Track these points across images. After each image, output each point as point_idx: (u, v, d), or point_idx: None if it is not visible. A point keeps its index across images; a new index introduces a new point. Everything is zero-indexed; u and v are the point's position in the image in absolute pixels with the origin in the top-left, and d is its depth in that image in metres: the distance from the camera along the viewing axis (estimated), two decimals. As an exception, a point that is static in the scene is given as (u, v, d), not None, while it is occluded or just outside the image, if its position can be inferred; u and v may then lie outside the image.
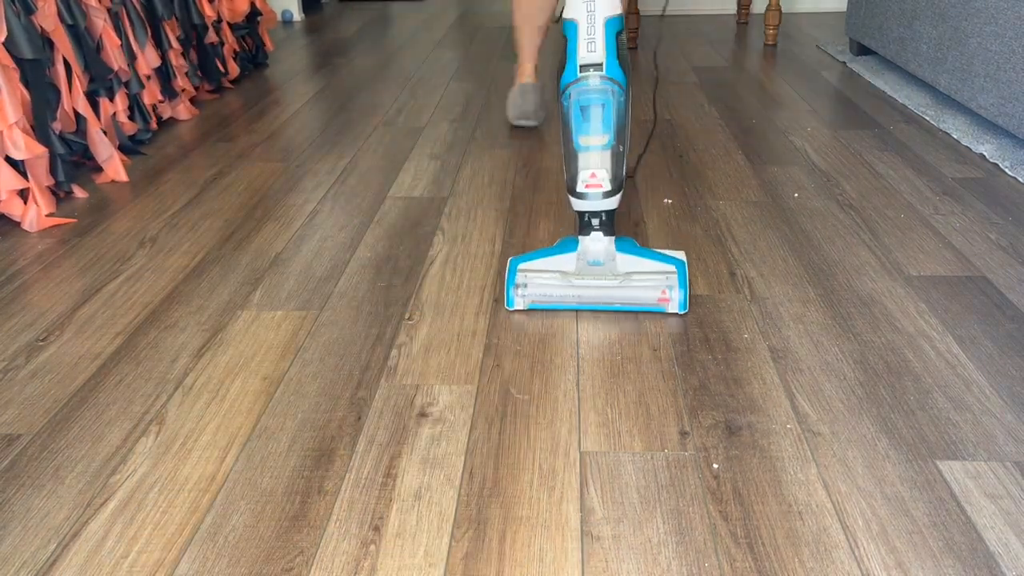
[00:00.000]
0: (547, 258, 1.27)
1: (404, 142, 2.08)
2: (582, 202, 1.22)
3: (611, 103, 1.18)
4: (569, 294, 1.24)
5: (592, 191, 1.21)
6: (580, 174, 1.21)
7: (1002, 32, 1.84)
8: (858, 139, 2.00)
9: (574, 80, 1.19)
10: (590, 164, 1.20)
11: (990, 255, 1.41)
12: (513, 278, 1.25)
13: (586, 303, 1.24)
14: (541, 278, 1.24)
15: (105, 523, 0.88)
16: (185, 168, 1.95)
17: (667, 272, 1.23)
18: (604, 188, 1.21)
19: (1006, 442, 0.97)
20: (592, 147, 1.20)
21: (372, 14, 4.00)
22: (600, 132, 1.19)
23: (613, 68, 1.18)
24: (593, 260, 1.25)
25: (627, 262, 1.25)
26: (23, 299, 1.36)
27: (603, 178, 1.20)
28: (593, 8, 1.18)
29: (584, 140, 1.19)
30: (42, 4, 1.69)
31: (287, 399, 1.08)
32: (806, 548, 0.83)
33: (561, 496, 0.90)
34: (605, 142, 1.19)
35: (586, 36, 1.18)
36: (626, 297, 1.23)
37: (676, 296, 1.22)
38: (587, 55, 1.18)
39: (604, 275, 1.23)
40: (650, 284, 1.23)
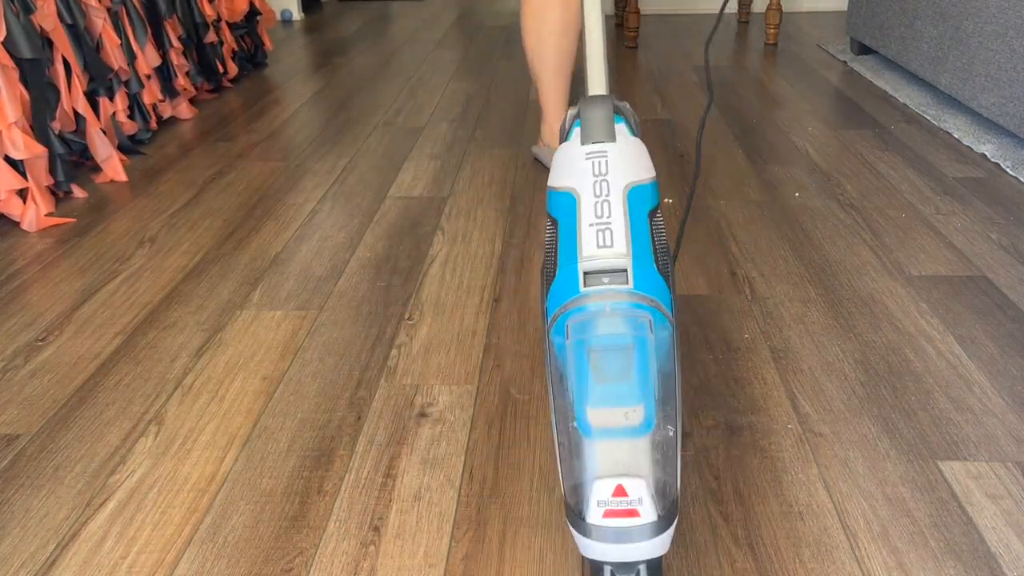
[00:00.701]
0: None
1: (404, 142, 2.08)
2: (600, 545, 0.64)
3: (647, 344, 0.65)
4: None
5: (619, 524, 0.63)
6: (594, 487, 0.64)
7: (1003, 32, 1.84)
8: (859, 139, 2.00)
9: (575, 299, 0.67)
10: (613, 466, 0.64)
11: (991, 255, 1.41)
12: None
13: None
14: None
15: (104, 523, 0.88)
16: (184, 168, 1.95)
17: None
18: (643, 518, 0.63)
19: (1007, 442, 0.96)
20: (614, 431, 0.64)
21: (372, 14, 4.00)
22: (630, 401, 0.64)
23: (647, 278, 0.67)
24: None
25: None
26: (22, 299, 1.36)
27: (639, 496, 0.63)
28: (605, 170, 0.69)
29: (597, 416, 0.64)
30: (41, 4, 1.69)
31: (287, 399, 1.08)
32: (807, 548, 0.83)
33: (561, 496, 0.90)
34: (639, 420, 0.64)
35: (595, 220, 0.68)
36: None
37: None
38: (599, 253, 0.67)
39: None
40: None
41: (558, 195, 0.70)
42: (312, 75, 2.80)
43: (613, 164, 0.69)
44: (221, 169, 1.93)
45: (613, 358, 0.64)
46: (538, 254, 1.45)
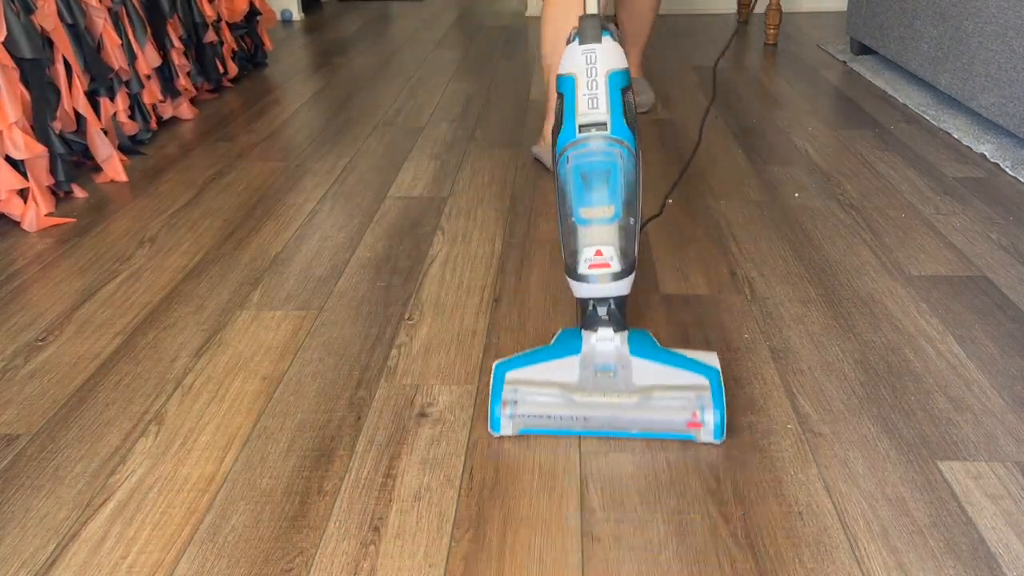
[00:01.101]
0: (543, 364, 1.01)
1: (404, 142, 2.08)
2: (585, 286, 0.99)
3: (618, 168, 0.97)
4: (572, 415, 0.98)
5: (597, 272, 0.99)
6: (582, 252, 0.99)
7: (1003, 32, 1.84)
8: (859, 139, 2.00)
9: (572, 141, 0.99)
10: (594, 240, 0.99)
11: (991, 255, 1.41)
12: (499, 392, 1.00)
13: (594, 428, 0.98)
14: (536, 394, 0.99)
15: (104, 523, 0.88)
16: (184, 168, 1.95)
17: (698, 387, 0.97)
18: (613, 268, 0.98)
19: (1007, 442, 0.97)
20: (596, 220, 0.99)
21: (372, 14, 4.00)
22: (605, 202, 0.98)
23: (620, 128, 0.98)
24: (602, 365, 1.00)
25: (645, 370, 0.99)
26: (22, 299, 1.36)
27: (611, 256, 0.98)
28: (594, 60, 1.00)
29: (586, 212, 0.99)
30: (42, 3, 1.69)
31: (287, 399, 1.08)
32: (807, 549, 0.83)
33: (561, 496, 0.90)
34: (612, 214, 0.98)
35: (586, 91, 0.99)
36: (645, 421, 0.97)
37: (710, 420, 0.96)
38: (588, 112, 0.99)
39: (616, 390, 0.98)
40: (676, 403, 0.97)
41: (564, 78, 1.01)
42: (312, 75, 2.80)
43: (599, 57, 1.00)
44: (221, 169, 1.93)
45: (596, 176, 0.98)
46: (538, 254, 1.46)
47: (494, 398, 0.99)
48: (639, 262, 1.40)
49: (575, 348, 1.01)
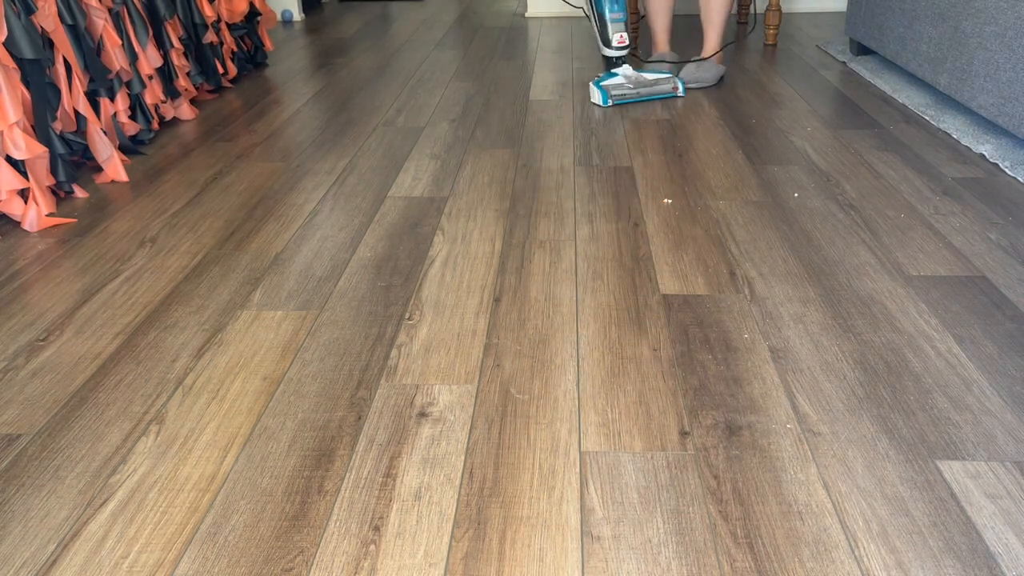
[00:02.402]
0: (610, 79, 2.31)
1: (404, 142, 2.08)
2: (617, 51, 2.34)
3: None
4: (631, 92, 2.31)
5: (623, 45, 2.34)
6: (614, 37, 2.32)
7: (1002, 32, 1.84)
8: (858, 139, 2.00)
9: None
10: (619, 30, 2.31)
11: (990, 255, 1.41)
12: (603, 90, 2.28)
13: (638, 96, 2.33)
14: (616, 87, 2.30)
15: (105, 523, 0.88)
16: (185, 168, 1.95)
17: (671, 77, 2.36)
18: (627, 43, 2.35)
19: (1006, 442, 0.97)
20: (618, 20, 2.31)
21: (372, 14, 4.00)
22: (621, 11, 2.31)
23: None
24: (633, 77, 2.35)
25: (647, 76, 2.36)
26: (23, 299, 1.36)
27: (627, 37, 2.34)
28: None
29: (613, 16, 2.30)
30: (42, 4, 1.69)
31: (287, 399, 1.08)
32: (806, 548, 0.83)
33: (561, 496, 0.90)
34: (623, 16, 2.31)
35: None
36: (657, 90, 2.34)
37: (680, 84, 2.37)
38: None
39: (642, 81, 2.34)
40: (665, 82, 2.36)
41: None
42: (312, 75, 2.80)
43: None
44: (222, 169, 1.93)
45: None
46: (538, 254, 1.46)
47: (602, 92, 2.28)
48: (641, 261, 1.41)
49: (616, 76, 2.34)
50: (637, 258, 1.43)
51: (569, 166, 1.88)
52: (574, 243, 1.50)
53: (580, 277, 1.37)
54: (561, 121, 2.21)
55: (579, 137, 2.07)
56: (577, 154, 1.96)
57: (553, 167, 1.88)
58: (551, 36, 3.33)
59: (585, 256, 1.45)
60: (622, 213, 1.62)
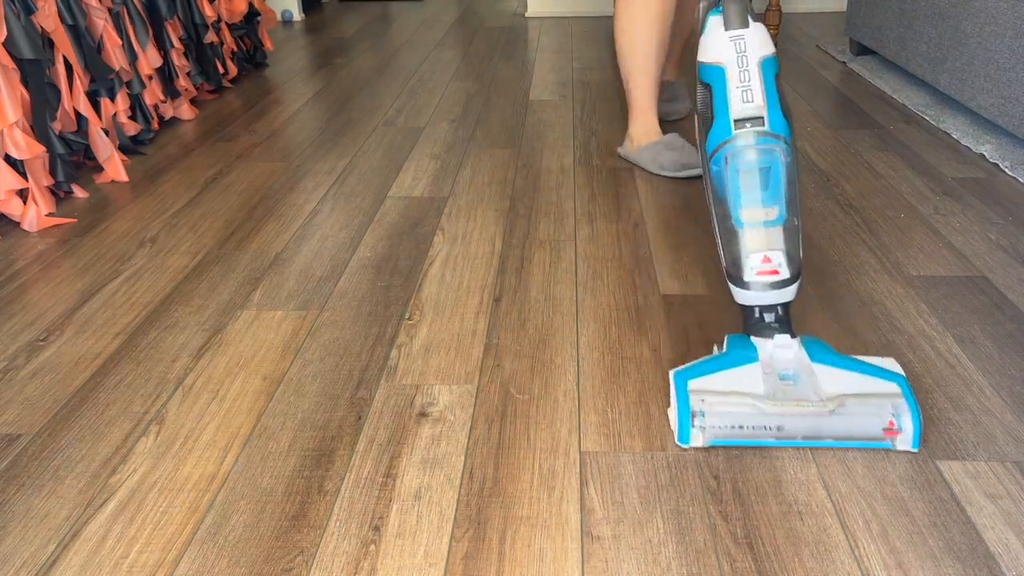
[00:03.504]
0: (723, 372, 0.97)
1: (404, 142, 2.08)
2: (753, 294, 0.98)
3: (779, 166, 0.96)
4: (764, 425, 0.94)
5: (766, 279, 0.97)
6: (748, 258, 0.97)
7: (1002, 32, 1.84)
8: (858, 139, 2.00)
9: (728, 139, 0.97)
10: (760, 245, 0.97)
11: (990, 255, 1.41)
12: (686, 403, 0.95)
13: (787, 438, 0.94)
14: (725, 404, 0.95)
15: (105, 523, 0.88)
16: (185, 168, 1.95)
17: (890, 395, 0.94)
18: (782, 275, 0.97)
19: (1006, 442, 0.97)
20: (760, 223, 0.97)
21: (372, 14, 4.00)
22: (770, 203, 0.97)
23: (777, 121, 0.97)
24: (784, 374, 0.96)
25: (831, 377, 0.96)
26: (23, 299, 1.36)
27: (779, 262, 0.96)
28: (744, 48, 0.98)
29: (749, 215, 0.97)
30: (42, 4, 1.69)
31: (287, 399, 1.08)
32: (806, 548, 0.83)
33: (561, 496, 0.90)
34: (776, 215, 0.97)
35: (739, 83, 0.97)
36: (842, 430, 0.93)
37: (908, 427, 0.93)
38: (744, 107, 0.97)
39: (808, 399, 0.94)
40: (872, 411, 0.93)
41: (711, 67, 1.01)
42: (312, 75, 2.80)
43: (750, 44, 0.99)
44: (222, 169, 1.93)
45: (757, 175, 0.97)
46: (538, 254, 1.46)
47: (681, 409, 0.95)
48: (641, 261, 1.41)
49: (751, 356, 0.97)
50: (637, 258, 1.43)
51: (569, 166, 1.88)
52: (574, 243, 1.50)
53: (580, 277, 1.37)
54: (561, 121, 2.21)
55: (579, 137, 2.07)
56: (577, 154, 1.96)
57: (553, 167, 1.88)
58: (551, 36, 3.33)
59: (585, 256, 1.45)
60: (622, 213, 1.62)
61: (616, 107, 2.32)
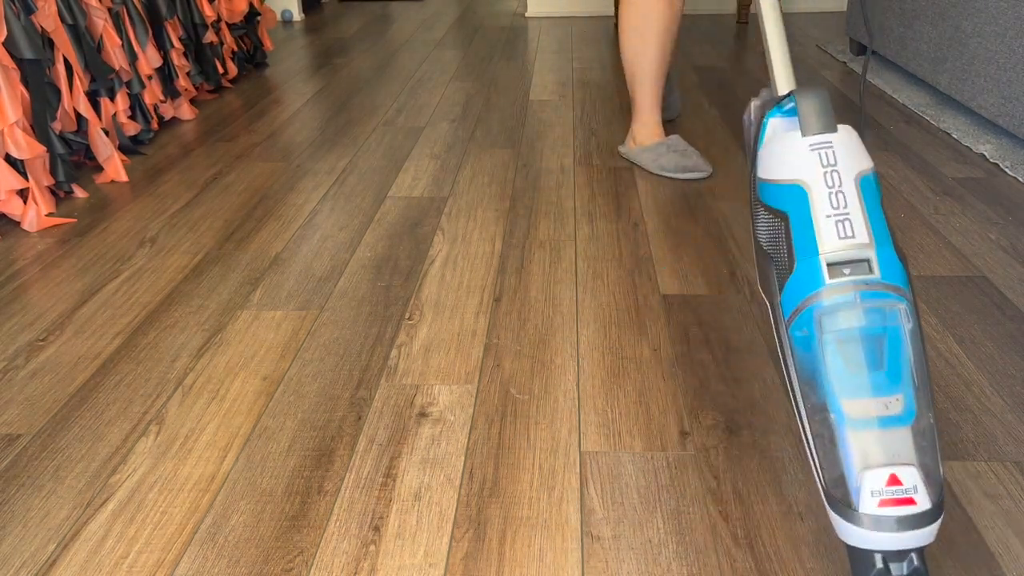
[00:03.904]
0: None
1: (404, 142, 2.08)
2: (874, 535, 0.65)
3: (900, 332, 0.67)
4: None
5: (895, 513, 0.64)
6: (865, 477, 0.65)
7: (1002, 32, 1.84)
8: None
9: (820, 291, 0.69)
10: (882, 455, 0.65)
11: (990, 255, 1.41)
12: None
13: None
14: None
15: (105, 523, 0.88)
16: (185, 168, 1.95)
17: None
18: (920, 505, 0.64)
19: (1006, 442, 0.97)
20: (876, 420, 0.66)
21: (372, 14, 4.00)
22: (890, 390, 0.66)
23: (891, 266, 0.68)
24: None
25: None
26: (23, 299, 1.36)
27: (913, 484, 0.64)
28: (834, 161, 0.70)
29: (858, 407, 0.66)
30: (42, 4, 1.69)
31: (287, 399, 1.08)
32: (807, 548, 0.83)
33: (561, 496, 0.90)
34: (901, 409, 0.66)
35: (832, 210, 0.69)
36: None
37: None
38: (841, 244, 0.69)
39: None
40: None
41: (784, 187, 0.72)
42: (312, 75, 2.80)
43: (840, 154, 0.70)
44: (222, 169, 1.93)
45: (868, 348, 0.66)
46: (538, 254, 1.46)
47: None
48: (641, 261, 1.41)
49: None
50: (637, 258, 1.43)
51: (569, 166, 1.88)
52: (574, 243, 1.50)
53: (580, 277, 1.37)
54: (561, 121, 2.21)
55: (579, 137, 2.07)
56: (577, 154, 1.96)
57: (553, 167, 1.88)
58: (551, 36, 3.33)
59: (585, 256, 1.45)
60: (622, 213, 1.62)
61: (616, 107, 2.32)
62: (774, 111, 0.77)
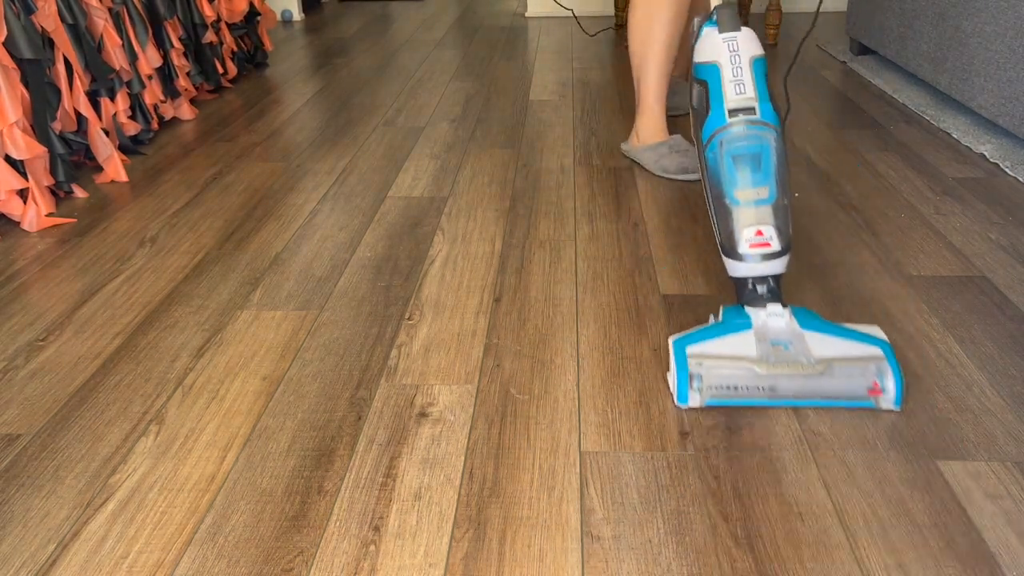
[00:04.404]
0: (719, 339, 1.04)
1: (404, 142, 2.08)
2: (747, 265, 1.05)
3: (769, 149, 1.05)
4: (758, 386, 1.01)
5: (758, 251, 1.04)
6: (742, 232, 1.05)
7: (1002, 32, 1.84)
8: (858, 139, 2.00)
9: (723, 126, 1.06)
10: (752, 220, 1.04)
11: (990, 255, 1.41)
12: (684, 366, 1.02)
13: (779, 397, 1.02)
14: (721, 367, 1.02)
15: (105, 523, 0.88)
16: (185, 168, 1.95)
17: (874, 358, 1.01)
18: (773, 247, 1.04)
19: (1007, 442, 0.97)
20: (752, 202, 1.05)
21: (372, 14, 4.00)
22: (761, 183, 1.05)
23: (767, 111, 1.06)
24: (776, 340, 1.03)
25: (820, 343, 1.02)
26: (23, 299, 1.36)
27: (770, 235, 1.04)
28: (737, 48, 1.09)
29: (742, 194, 1.05)
30: (42, 4, 1.69)
31: (287, 399, 1.08)
32: (806, 548, 0.83)
33: (561, 496, 0.90)
34: (767, 195, 1.05)
35: (733, 78, 1.08)
36: (830, 390, 1.01)
37: (891, 387, 1.00)
38: (736, 98, 1.07)
39: (799, 362, 1.01)
40: (857, 373, 1.01)
41: (706, 66, 1.11)
42: (312, 75, 2.80)
43: (742, 45, 1.10)
44: (222, 169, 1.93)
45: (749, 159, 1.06)
46: (538, 254, 1.46)
47: (680, 372, 1.02)
48: (641, 261, 1.41)
49: (746, 324, 1.04)
50: (637, 258, 1.43)
51: (569, 166, 1.88)
52: (574, 243, 1.50)
53: (580, 277, 1.37)
54: (561, 121, 2.21)
55: (579, 137, 2.07)
56: (577, 154, 1.96)
57: (553, 167, 1.88)
58: (551, 36, 3.33)
59: (585, 256, 1.45)
60: (622, 213, 1.62)
61: (616, 107, 2.32)
62: (709, 22, 1.15)
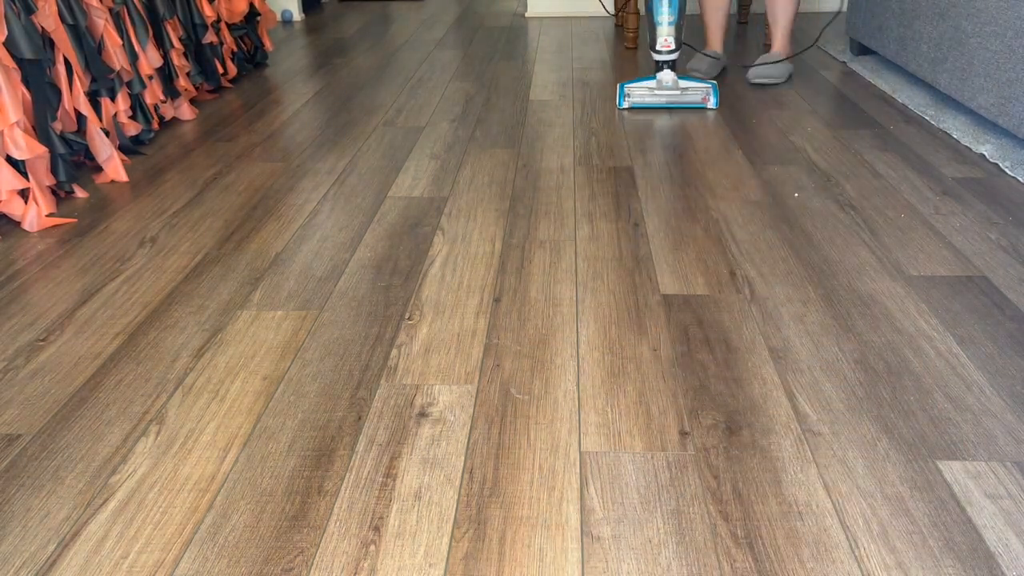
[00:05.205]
0: (639, 82, 2.27)
1: (404, 142, 2.08)
2: (659, 55, 2.24)
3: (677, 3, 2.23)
4: (654, 100, 2.28)
5: (666, 49, 2.24)
6: (659, 40, 2.22)
7: (1002, 32, 1.84)
8: (858, 139, 2.00)
9: None
10: (663, 33, 2.22)
11: (990, 255, 1.41)
12: (623, 91, 2.28)
13: (662, 103, 2.27)
14: (639, 89, 2.27)
15: (105, 523, 0.88)
16: (185, 168, 1.95)
17: (707, 87, 2.26)
18: (671, 47, 2.24)
19: (1006, 442, 0.97)
20: (665, 23, 2.22)
21: (372, 14, 4.00)
22: (669, 14, 2.22)
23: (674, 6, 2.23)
24: (664, 84, 2.26)
25: (684, 84, 2.26)
26: (23, 299, 1.36)
27: (671, 41, 2.23)
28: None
29: (660, 19, 2.22)
30: (43, 4, 1.69)
31: (287, 399, 1.08)
32: (806, 548, 0.83)
33: (561, 496, 0.90)
34: (672, 20, 2.22)
35: None
36: (685, 100, 2.27)
37: (711, 99, 2.26)
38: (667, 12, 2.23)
39: (674, 90, 2.26)
40: (698, 94, 2.26)
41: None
42: (312, 75, 2.80)
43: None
44: (222, 169, 1.93)
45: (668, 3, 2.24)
46: (538, 254, 1.46)
47: (620, 92, 2.29)
48: (641, 261, 1.41)
49: (653, 77, 2.27)
50: (637, 258, 1.43)
51: (569, 166, 1.88)
52: (574, 243, 1.50)
53: (580, 277, 1.37)
54: (561, 121, 2.21)
55: (579, 137, 2.07)
56: (577, 154, 1.96)
57: (553, 167, 1.88)
58: (551, 36, 3.33)
59: (585, 256, 1.45)
60: (622, 213, 1.62)
61: (616, 107, 2.32)
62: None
